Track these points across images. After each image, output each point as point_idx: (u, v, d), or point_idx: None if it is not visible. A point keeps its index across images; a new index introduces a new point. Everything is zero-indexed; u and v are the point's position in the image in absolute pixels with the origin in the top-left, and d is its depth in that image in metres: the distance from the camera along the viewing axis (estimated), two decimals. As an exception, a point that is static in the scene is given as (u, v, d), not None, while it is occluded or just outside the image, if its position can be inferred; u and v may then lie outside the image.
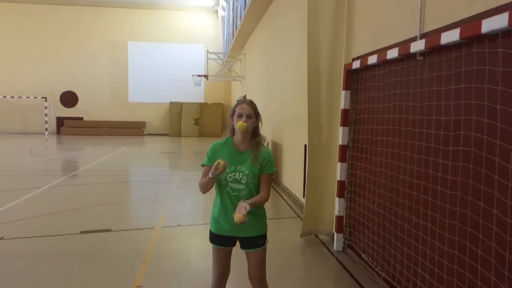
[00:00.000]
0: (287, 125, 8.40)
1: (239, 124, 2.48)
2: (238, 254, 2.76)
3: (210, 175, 2.44)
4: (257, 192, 2.59)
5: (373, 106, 3.99)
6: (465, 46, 2.58)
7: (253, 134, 2.62)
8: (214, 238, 2.66)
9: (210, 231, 2.68)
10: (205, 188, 2.56)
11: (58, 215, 6.27)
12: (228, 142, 2.64)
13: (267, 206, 2.72)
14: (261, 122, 2.66)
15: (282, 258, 4.52)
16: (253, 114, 2.56)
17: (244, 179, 2.53)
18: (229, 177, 2.54)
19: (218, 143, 2.66)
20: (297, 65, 7.16)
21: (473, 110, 2.51)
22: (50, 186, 8.44)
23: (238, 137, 2.60)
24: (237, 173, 2.53)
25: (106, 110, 25.84)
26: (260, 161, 2.56)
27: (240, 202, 2.41)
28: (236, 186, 2.54)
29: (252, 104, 2.60)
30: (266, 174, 2.59)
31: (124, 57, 25.93)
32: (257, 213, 2.62)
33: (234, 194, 2.54)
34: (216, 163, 2.39)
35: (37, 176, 9.86)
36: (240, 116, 2.53)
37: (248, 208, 2.34)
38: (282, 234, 5.33)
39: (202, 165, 2.62)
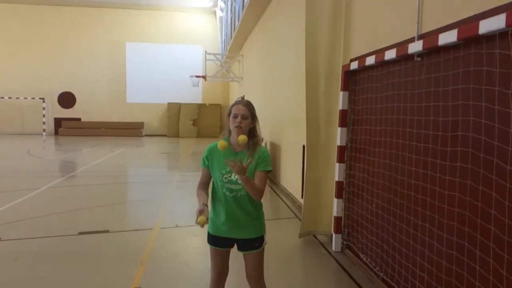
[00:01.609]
0: (285, 126, 8.40)
1: (239, 138, 2.46)
2: (237, 255, 2.75)
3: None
4: None
5: (371, 107, 3.99)
6: (463, 47, 2.58)
7: (250, 135, 2.58)
8: (211, 239, 2.66)
9: (208, 232, 2.68)
10: None
11: (56, 216, 6.25)
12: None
13: (265, 206, 2.72)
14: (258, 123, 2.63)
15: (281, 258, 4.52)
16: (249, 115, 2.53)
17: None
18: (225, 178, 2.52)
19: (214, 145, 2.63)
20: (295, 66, 7.17)
21: (471, 110, 2.51)
22: (48, 187, 8.42)
23: (234, 138, 2.58)
24: (233, 174, 2.49)
25: (104, 111, 25.81)
26: (256, 159, 2.52)
27: None
28: (233, 187, 2.52)
29: (248, 105, 2.57)
30: (260, 171, 2.51)
31: (122, 58, 25.93)
32: (254, 214, 2.62)
33: (232, 195, 2.53)
34: (196, 218, 2.32)
35: (35, 177, 9.83)
36: (235, 116, 2.51)
37: (244, 167, 2.29)
38: (281, 235, 5.33)
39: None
